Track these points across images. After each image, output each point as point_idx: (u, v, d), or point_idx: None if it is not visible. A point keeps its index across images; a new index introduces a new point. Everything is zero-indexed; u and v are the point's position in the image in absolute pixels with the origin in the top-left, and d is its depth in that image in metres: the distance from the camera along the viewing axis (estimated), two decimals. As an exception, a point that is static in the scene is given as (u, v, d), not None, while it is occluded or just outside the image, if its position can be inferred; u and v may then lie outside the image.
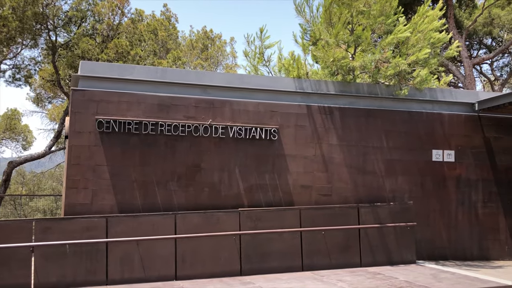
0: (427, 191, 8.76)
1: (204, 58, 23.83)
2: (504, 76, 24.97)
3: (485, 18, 21.33)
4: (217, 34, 26.24)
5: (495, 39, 23.38)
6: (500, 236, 9.02)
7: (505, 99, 8.47)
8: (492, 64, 24.96)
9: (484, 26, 21.93)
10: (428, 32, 8.08)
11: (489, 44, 23.99)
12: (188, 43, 24.80)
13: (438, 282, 6.46)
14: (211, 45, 25.16)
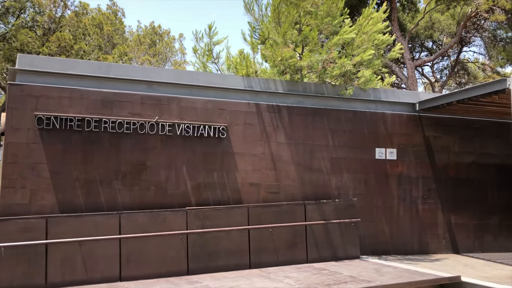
0: (370, 188, 9.04)
1: (152, 54, 23.36)
2: (443, 78, 26.21)
3: (427, 22, 22.32)
4: (166, 30, 25.82)
5: (436, 42, 24.51)
6: (438, 231, 9.47)
7: (443, 100, 8.89)
8: (433, 66, 26.15)
9: (426, 29, 22.94)
10: (372, 33, 8.33)
11: (430, 47, 25.11)
12: (135, 39, 24.23)
13: (381, 276, 6.67)
14: (159, 41, 24.71)
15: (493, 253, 9.57)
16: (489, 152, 10.06)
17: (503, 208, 9.81)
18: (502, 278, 6.84)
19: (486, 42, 21.82)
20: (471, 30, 22.01)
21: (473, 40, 23.21)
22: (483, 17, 20.13)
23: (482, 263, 8.31)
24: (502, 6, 18.36)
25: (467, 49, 24.10)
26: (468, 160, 9.90)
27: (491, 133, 10.06)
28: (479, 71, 26.23)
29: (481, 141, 10.03)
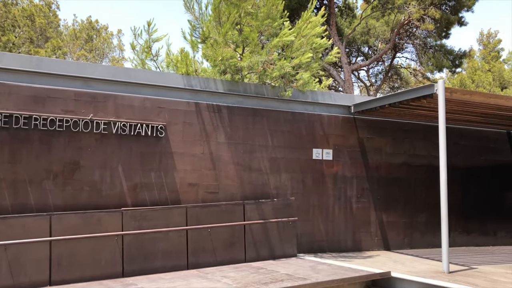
0: (307, 188, 9.25)
1: (88, 49, 22.51)
2: (378, 82, 27.33)
3: (363, 28, 23.18)
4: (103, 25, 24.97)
5: (371, 47, 25.50)
6: (371, 228, 9.87)
7: (377, 103, 9.28)
8: (368, 71, 27.18)
9: (362, 35, 23.82)
10: (311, 37, 8.53)
11: (366, 52, 26.09)
12: (70, 33, 23.24)
13: (316, 273, 6.85)
14: (96, 36, 23.86)
15: (421, 249, 10.12)
16: (418, 154, 10.62)
17: (430, 206, 10.38)
18: (428, 272, 7.25)
19: (418, 49, 23.01)
20: (404, 37, 23.13)
21: (405, 47, 24.40)
22: (415, 25, 21.23)
23: (411, 259, 8.76)
24: (432, 15, 19.47)
25: (400, 55, 25.31)
26: (399, 160, 10.40)
27: (420, 135, 10.64)
28: (411, 76, 27.63)
29: (411, 143, 10.57)
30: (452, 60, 21.91)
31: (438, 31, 20.63)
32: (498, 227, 11.56)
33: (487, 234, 11.43)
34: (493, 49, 32.32)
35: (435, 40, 21.82)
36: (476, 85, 29.66)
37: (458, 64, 22.59)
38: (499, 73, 31.04)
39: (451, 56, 21.79)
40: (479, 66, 31.02)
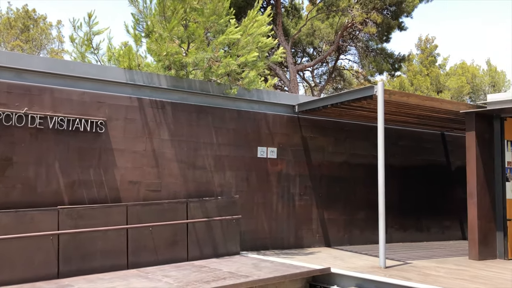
0: (252, 186, 9.29)
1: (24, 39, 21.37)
2: (322, 83, 27.92)
3: (308, 29, 23.59)
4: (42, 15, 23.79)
5: (316, 49, 26.01)
6: (312, 226, 10.07)
7: (320, 103, 9.47)
8: (313, 71, 27.71)
9: (308, 36, 24.23)
10: (257, 36, 8.56)
11: (311, 53, 26.58)
12: (4, 21, 21.95)
13: (258, 270, 6.88)
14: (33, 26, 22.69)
15: (360, 246, 10.45)
16: (358, 153, 10.96)
17: (369, 204, 10.73)
18: (366, 268, 7.50)
19: (360, 51, 23.76)
20: (348, 39, 23.80)
21: (349, 49, 25.12)
22: (358, 28, 21.89)
23: (350, 255, 9.02)
24: (374, 19, 20.16)
25: (344, 57, 26.03)
26: (340, 159, 10.68)
27: (361, 135, 10.98)
28: (353, 78, 28.48)
29: (352, 143, 10.88)
30: (392, 63, 22.81)
31: (380, 35, 21.40)
32: (431, 223, 12.17)
33: (422, 230, 12.00)
34: (430, 54, 33.97)
35: (376, 44, 22.61)
36: (415, 88, 31.07)
37: (397, 67, 23.56)
38: (436, 77, 32.69)
39: (391, 59, 22.69)
40: (419, 70, 32.51)
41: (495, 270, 7.68)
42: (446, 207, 12.35)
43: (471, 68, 34.55)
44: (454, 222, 12.64)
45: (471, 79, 33.93)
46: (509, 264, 8.42)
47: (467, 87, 32.80)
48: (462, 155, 9.53)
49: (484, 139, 9.19)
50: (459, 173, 11.82)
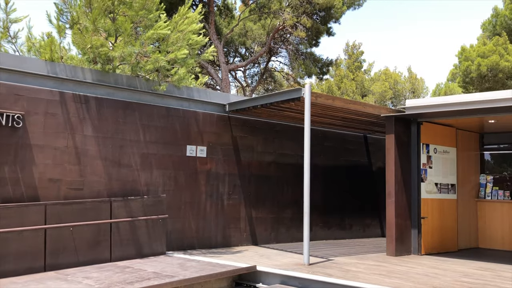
0: (180, 185, 9.18)
1: None
2: (254, 83, 28.20)
3: (241, 29, 23.73)
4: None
5: (248, 49, 26.22)
6: (240, 224, 10.14)
7: (250, 103, 9.55)
8: (245, 72, 27.90)
9: (240, 36, 24.36)
10: (187, 33, 8.47)
11: (243, 54, 26.76)
12: None
13: (184, 270, 6.81)
14: None
15: (286, 243, 10.69)
16: (286, 153, 11.20)
17: (296, 202, 11.02)
18: (290, 265, 7.68)
19: (290, 54, 24.28)
20: (279, 42, 24.24)
21: (280, 51, 25.58)
22: (288, 32, 22.35)
23: (276, 253, 9.20)
24: (304, 23, 20.69)
25: (275, 59, 26.47)
26: (269, 159, 10.85)
27: (289, 136, 11.23)
28: (284, 80, 29.05)
29: (280, 143, 11.10)
30: (320, 67, 23.56)
31: (309, 39, 22.01)
32: (353, 221, 12.71)
33: (345, 228, 12.50)
34: (357, 60, 35.47)
35: (306, 48, 23.23)
36: (341, 92, 32.28)
37: (325, 71, 24.37)
38: (361, 82, 34.19)
39: (319, 63, 23.41)
40: (345, 75, 33.82)
41: (409, 265, 8.18)
42: (368, 206, 12.97)
43: (393, 75, 36.52)
44: (374, 220, 13.30)
45: (393, 85, 35.88)
46: (422, 259, 9.01)
47: (390, 92, 34.65)
48: (383, 157, 10.04)
49: (402, 141, 9.75)
50: (379, 174, 12.45)
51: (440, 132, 10.38)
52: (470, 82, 22.06)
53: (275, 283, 6.92)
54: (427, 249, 9.76)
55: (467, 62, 21.89)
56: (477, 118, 9.62)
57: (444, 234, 10.25)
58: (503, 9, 23.99)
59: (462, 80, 22.66)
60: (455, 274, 7.34)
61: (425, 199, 9.84)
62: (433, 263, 8.56)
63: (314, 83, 33.61)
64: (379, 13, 67.42)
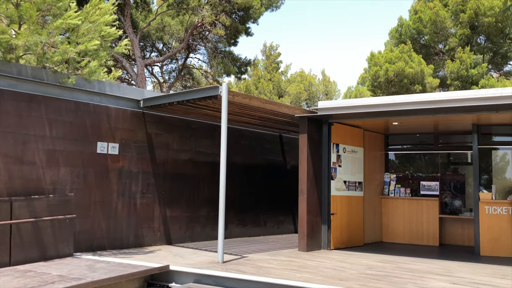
0: (89, 183, 8.76)
1: None
2: (171, 80, 27.72)
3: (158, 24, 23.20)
4: None
5: (166, 45, 25.71)
6: (154, 224, 9.91)
7: (165, 99, 9.37)
8: (162, 67, 27.33)
9: (157, 31, 23.82)
10: (99, 24, 8.09)
11: (161, 49, 26.19)
12: None
13: (93, 272, 6.52)
14: None
15: (201, 242, 10.64)
16: (203, 151, 11.14)
17: (212, 201, 10.99)
18: (205, 263, 7.65)
19: (209, 52, 24.19)
20: (198, 38, 24.04)
21: (198, 48, 25.39)
22: (207, 29, 22.25)
23: (191, 252, 9.12)
24: (223, 22, 20.72)
25: (193, 56, 26.21)
26: (185, 157, 10.72)
27: (206, 134, 11.18)
28: (202, 77, 28.88)
29: (197, 141, 11.01)
30: (239, 66, 23.75)
31: (228, 38, 22.09)
32: (268, 218, 12.98)
33: (259, 225, 12.72)
34: (274, 61, 36.25)
35: (224, 46, 23.28)
36: (259, 91, 32.80)
37: (244, 71, 24.61)
38: (278, 82, 34.99)
39: (237, 63, 23.59)
40: (262, 75, 34.40)
41: (319, 260, 8.53)
42: (282, 203, 13.31)
43: (308, 77, 37.83)
44: (288, 217, 13.69)
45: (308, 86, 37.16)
46: (331, 254, 9.43)
47: (305, 94, 35.85)
48: (296, 155, 10.34)
49: (315, 141, 10.13)
50: (293, 172, 12.84)
51: (349, 133, 10.93)
52: (378, 86, 23.48)
53: (188, 282, 6.86)
54: (336, 244, 10.24)
55: (376, 67, 23.29)
56: (382, 120, 10.27)
57: (352, 229, 10.82)
58: (407, 20, 25.85)
59: (371, 84, 24.06)
60: (360, 267, 7.77)
61: (335, 196, 10.31)
62: (341, 257, 8.99)
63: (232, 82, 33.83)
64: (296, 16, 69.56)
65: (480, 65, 22.43)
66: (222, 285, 6.59)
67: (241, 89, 31.08)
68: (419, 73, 22.43)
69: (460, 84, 22.55)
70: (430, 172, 12.71)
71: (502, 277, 7.31)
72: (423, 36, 25.09)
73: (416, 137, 12.93)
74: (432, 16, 23.74)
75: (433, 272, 7.49)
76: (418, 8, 25.05)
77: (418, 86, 22.45)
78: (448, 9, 23.81)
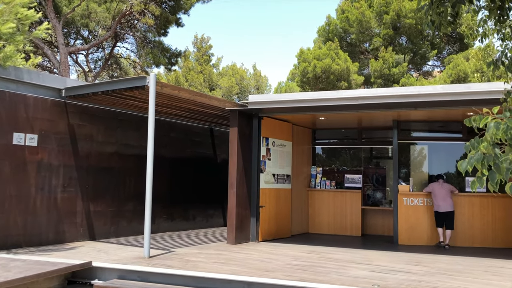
0: (4, 177, 8.17)
1: None
2: (98, 69, 26.57)
3: (84, 10, 22.11)
4: None
5: (92, 32, 24.55)
6: (76, 219, 9.46)
7: (89, 89, 8.94)
8: (87, 56, 26.08)
9: (83, 17, 22.69)
10: (15, 5, 7.52)
11: (86, 36, 24.97)
12: None
13: (7, 271, 6.10)
14: None
15: (127, 237, 10.32)
16: (130, 143, 10.79)
17: (138, 195, 10.69)
18: (130, 259, 7.43)
19: (138, 41, 23.44)
20: (126, 27, 23.19)
21: (127, 38, 24.49)
22: (136, 18, 21.54)
23: (115, 247, 8.81)
24: (152, 11, 20.15)
25: (121, 45, 25.27)
26: (111, 150, 10.32)
27: (133, 126, 10.83)
28: (130, 67, 27.95)
29: (124, 133, 10.64)
30: (169, 57, 23.24)
31: (158, 28, 21.53)
32: (197, 212, 12.88)
33: (188, 219, 12.59)
34: (205, 53, 35.90)
35: (154, 36, 22.67)
36: (189, 84, 32.35)
37: (174, 62, 24.13)
38: (209, 75, 34.72)
39: (168, 53, 23.07)
40: (193, 67, 33.96)
41: (247, 252, 8.60)
42: (212, 197, 13.25)
43: (240, 71, 37.91)
44: (217, 211, 13.66)
45: (240, 80, 37.25)
46: (259, 246, 9.55)
47: (236, 88, 35.89)
48: (227, 149, 10.33)
49: (245, 134, 10.17)
50: (224, 165, 12.82)
51: (279, 127, 11.10)
52: (307, 82, 24.06)
53: (112, 279, 6.62)
54: (264, 236, 10.38)
55: (305, 64, 23.83)
56: (310, 115, 10.54)
57: (280, 221, 11.02)
58: (335, 19, 26.69)
59: (300, 80, 24.60)
60: (287, 258, 7.94)
61: (264, 189, 10.44)
62: (268, 249, 9.13)
63: (162, 73, 33.08)
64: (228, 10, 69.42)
65: (401, 64, 23.70)
66: (147, 281, 6.44)
67: (170, 81, 30.47)
68: (345, 70, 23.28)
69: (383, 82, 23.69)
70: (354, 165, 13.25)
71: (416, 263, 7.79)
72: (349, 35, 26.04)
73: (342, 132, 13.42)
74: (358, 16, 24.70)
75: (355, 261, 7.82)
76: (345, 8, 25.94)
77: (344, 83, 23.29)
78: (373, 9, 24.88)
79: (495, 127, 2.49)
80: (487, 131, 2.52)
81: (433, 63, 27.46)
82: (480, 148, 2.55)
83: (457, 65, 21.14)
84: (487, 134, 2.52)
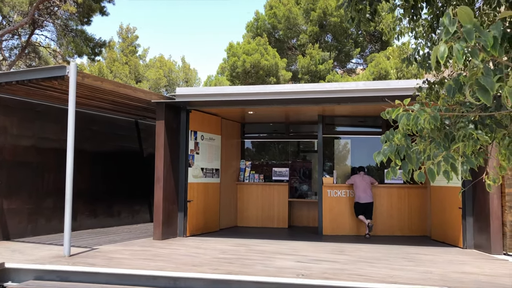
0: None
1: None
2: (13, 57, 24.86)
3: (-6, -7, 20.49)
4: None
5: (6, 17, 22.88)
6: (-12, 217, 8.79)
7: (2, 78, 8.29)
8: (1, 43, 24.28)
9: (-5, 1, 21.04)
10: None
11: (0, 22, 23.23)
12: None
13: None
14: None
15: (46, 236, 9.77)
16: (49, 137, 10.20)
17: (59, 191, 10.14)
18: (48, 258, 7.03)
19: (58, 30, 22.17)
20: (45, 14, 21.83)
21: (46, 25, 23.07)
22: (56, 4, 20.35)
23: (32, 246, 8.31)
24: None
25: (40, 33, 23.75)
26: (27, 143, 9.70)
27: (53, 118, 10.24)
28: (50, 57, 26.40)
29: (42, 125, 10.04)
30: (92, 47, 22.20)
31: (80, 16, 20.49)
32: (122, 208, 12.48)
33: (113, 216, 12.16)
34: (131, 44, 34.75)
35: (76, 25, 21.54)
36: (114, 75, 31.18)
37: (98, 52, 23.09)
38: (135, 67, 33.68)
39: (91, 43, 22.03)
40: (118, 58, 32.77)
41: (174, 247, 8.48)
42: (137, 192, 12.90)
43: (168, 63, 37.15)
44: (144, 206, 13.33)
45: (168, 73, 36.51)
46: (186, 241, 9.45)
47: (164, 80, 35.15)
48: (154, 143, 10.08)
49: (172, 128, 9.99)
50: (150, 160, 12.51)
51: (207, 120, 11.03)
52: (236, 76, 24.10)
53: (28, 280, 6.22)
54: (192, 230, 10.29)
55: (234, 58, 23.84)
56: (238, 108, 10.57)
57: (208, 215, 10.97)
58: (263, 14, 26.95)
59: (230, 74, 24.59)
60: (214, 252, 7.92)
61: (192, 183, 10.33)
62: (196, 243, 9.06)
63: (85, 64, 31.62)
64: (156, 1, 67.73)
65: (327, 61, 24.45)
66: (68, 280, 6.13)
67: (93, 72, 29.15)
68: (274, 66, 23.61)
69: (309, 78, 24.32)
70: (282, 159, 13.51)
71: (339, 253, 8.11)
72: (277, 31, 26.41)
73: (270, 126, 13.61)
74: (285, 13, 25.12)
75: (281, 252, 7.98)
76: (273, 4, 26.25)
77: (273, 78, 23.62)
78: (300, 6, 25.41)
79: (406, 118, 2.63)
80: (399, 121, 2.66)
81: (357, 60, 28.61)
82: (394, 139, 2.69)
83: (379, 63, 22.19)
84: (400, 125, 2.66)
